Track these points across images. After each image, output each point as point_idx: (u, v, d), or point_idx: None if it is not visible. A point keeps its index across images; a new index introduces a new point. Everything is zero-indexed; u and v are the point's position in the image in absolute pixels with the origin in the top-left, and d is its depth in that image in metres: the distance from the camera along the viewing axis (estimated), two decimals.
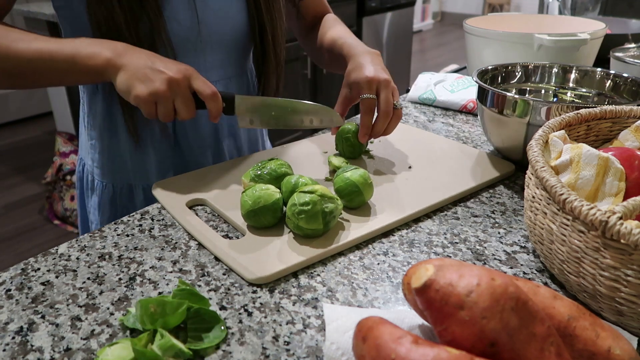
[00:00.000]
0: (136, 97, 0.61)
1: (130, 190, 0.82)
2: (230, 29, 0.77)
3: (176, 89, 0.62)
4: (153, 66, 0.62)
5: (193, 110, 0.65)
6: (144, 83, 0.61)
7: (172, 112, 0.64)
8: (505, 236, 0.61)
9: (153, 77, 0.61)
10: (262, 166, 0.66)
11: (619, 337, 0.39)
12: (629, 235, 0.40)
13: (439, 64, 5.12)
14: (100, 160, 0.81)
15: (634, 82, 0.77)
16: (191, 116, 0.65)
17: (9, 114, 3.46)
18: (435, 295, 0.35)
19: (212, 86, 0.65)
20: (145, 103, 0.62)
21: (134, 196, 0.82)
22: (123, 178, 0.81)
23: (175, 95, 0.63)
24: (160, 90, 0.61)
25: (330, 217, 0.57)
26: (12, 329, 0.47)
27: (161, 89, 0.61)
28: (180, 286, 0.48)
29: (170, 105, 0.63)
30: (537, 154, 0.52)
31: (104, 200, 0.82)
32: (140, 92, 0.61)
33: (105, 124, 0.78)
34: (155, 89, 0.61)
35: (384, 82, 0.72)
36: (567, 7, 1.72)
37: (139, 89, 0.61)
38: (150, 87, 0.61)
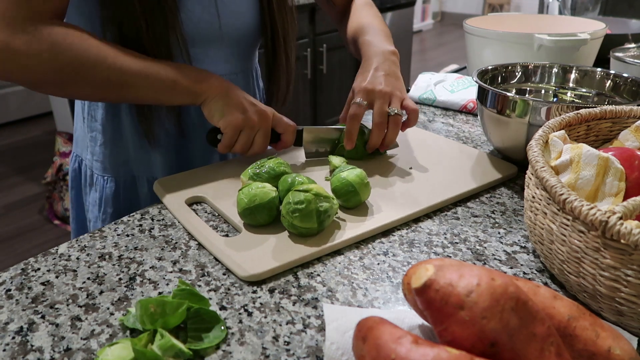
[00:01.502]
0: (229, 121, 0.68)
1: (134, 182, 0.81)
2: (241, 24, 0.78)
3: (262, 122, 0.70)
4: (248, 100, 0.70)
5: (266, 144, 0.73)
6: (240, 111, 0.69)
7: (249, 142, 0.71)
8: (505, 236, 0.61)
9: (248, 108, 0.69)
10: (261, 165, 0.67)
11: (619, 337, 0.39)
12: (629, 235, 0.40)
13: (439, 64, 5.12)
14: (102, 153, 0.79)
15: (634, 82, 0.77)
16: (263, 151, 0.73)
17: (9, 114, 3.46)
18: (435, 295, 0.35)
19: (291, 122, 0.73)
20: (234, 128, 0.68)
21: (138, 189, 0.81)
22: (126, 170, 0.80)
23: (259, 127, 0.70)
24: (252, 119, 0.69)
25: (324, 216, 0.57)
26: (12, 329, 0.47)
27: (253, 118, 0.69)
28: (180, 286, 0.48)
29: (252, 136, 0.71)
30: (537, 154, 0.52)
31: (105, 195, 0.81)
32: (234, 118, 0.68)
33: (108, 115, 0.77)
34: (249, 118, 0.69)
35: (378, 93, 0.72)
36: (567, 7, 1.72)
37: (234, 115, 0.68)
38: (245, 115, 0.69)
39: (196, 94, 0.68)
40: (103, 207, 0.82)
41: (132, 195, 0.81)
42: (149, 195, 0.81)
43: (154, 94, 0.67)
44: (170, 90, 0.67)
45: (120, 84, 0.64)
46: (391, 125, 0.73)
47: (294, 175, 0.63)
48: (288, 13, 0.82)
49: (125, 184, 0.81)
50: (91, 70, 0.62)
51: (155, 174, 0.80)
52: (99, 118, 0.78)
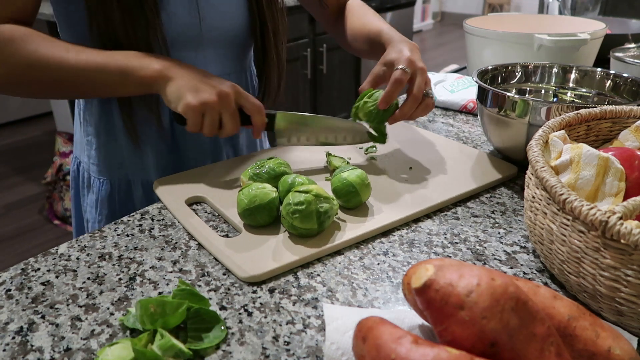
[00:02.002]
0: (187, 105, 0.64)
1: (129, 186, 0.82)
2: (230, 24, 0.77)
3: (225, 101, 0.65)
4: (203, 79, 0.65)
5: (238, 125, 0.68)
6: (195, 93, 0.64)
7: (217, 124, 0.67)
8: (505, 236, 0.61)
9: (204, 88, 0.64)
10: (261, 165, 0.67)
11: (619, 337, 0.39)
12: (629, 235, 0.40)
13: (439, 64, 5.12)
14: (97, 156, 0.80)
15: (634, 82, 0.77)
16: (236, 131, 0.68)
17: (9, 114, 3.46)
18: (435, 295, 0.35)
19: (258, 101, 0.68)
20: (194, 112, 0.64)
21: (133, 192, 0.82)
22: (121, 174, 0.81)
23: (223, 108, 0.66)
24: (210, 100, 0.64)
25: (325, 217, 0.57)
26: (12, 329, 0.47)
27: (211, 99, 0.64)
28: (180, 286, 0.48)
29: (217, 117, 0.66)
30: (537, 154, 0.52)
31: (101, 197, 0.82)
32: (191, 101, 0.63)
33: (102, 120, 0.78)
34: (206, 99, 0.64)
35: (421, 70, 0.71)
36: (567, 7, 1.72)
37: (190, 98, 0.64)
38: (201, 97, 0.64)
39: (148, 83, 0.65)
40: (99, 209, 0.82)
41: (127, 198, 0.82)
42: (144, 199, 0.81)
43: (107, 89, 0.68)
44: (121, 84, 0.66)
45: (70, 83, 0.66)
46: (423, 105, 0.72)
47: (294, 175, 0.63)
48: (278, 10, 0.81)
49: (120, 187, 0.82)
50: (39, 72, 0.64)
51: (150, 177, 0.81)
52: (93, 122, 0.79)
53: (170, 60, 0.67)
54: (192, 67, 0.67)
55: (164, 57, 0.67)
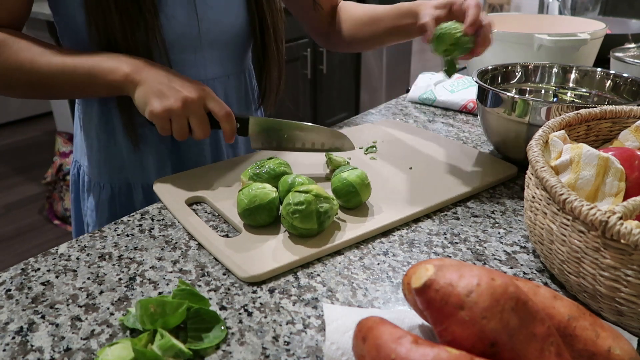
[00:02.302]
0: (151, 112, 0.63)
1: (129, 189, 0.82)
2: (229, 25, 0.77)
3: (191, 107, 0.64)
4: (170, 83, 0.64)
5: (207, 130, 0.67)
6: (160, 99, 0.63)
7: (186, 129, 0.66)
8: (505, 236, 0.61)
9: (169, 93, 0.63)
10: (261, 165, 0.67)
11: (619, 337, 0.39)
12: (629, 235, 0.40)
13: (439, 64, 5.11)
14: (98, 160, 0.80)
15: (634, 82, 0.77)
16: (206, 135, 0.67)
17: (9, 114, 3.46)
18: (435, 295, 0.35)
19: (226, 107, 0.67)
20: (160, 119, 0.64)
21: (133, 195, 0.82)
22: (121, 177, 0.81)
23: (189, 114, 0.64)
24: (174, 107, 0.63)
25: (325, 217, 0.57)
26: (12, 329, 0.47)
27: (175, 106, 0.63)
28: (180, 286, 0.48)
29: (184, 123, 0.65)
30: (537, 154, 0.52)
31: (102, 200, 0.82)
32: (155, 107, 0.63)
33: (101, 124, 0.78)
34: (170, 106, 0.63)
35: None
36: (567, 7, 1.72)
37: (154, 104, 0.63)
38: (165, 103, 0.63)
39: (117, 86, 0.65)
40: (100, 212, 0.83)
41: (127, 201, 0.82)
42: (144, 202, 0.82)
43: (79, 92, 0.69)
44: (90, 87, 0.66)
45: (43, 86, 0.66)
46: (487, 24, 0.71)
47: (294, 175, 0.63)
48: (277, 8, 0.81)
49: (120, 191, 0.82)
50: (12, 76, 0.65)
51: (150, 181, 0.81)
52: (93, 126, 0.79)
53: (140, 62, 0.66)
54: (162, 68, 0.66)
55: (134, 59, 0.66)
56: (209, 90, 0.66)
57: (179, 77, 0.66)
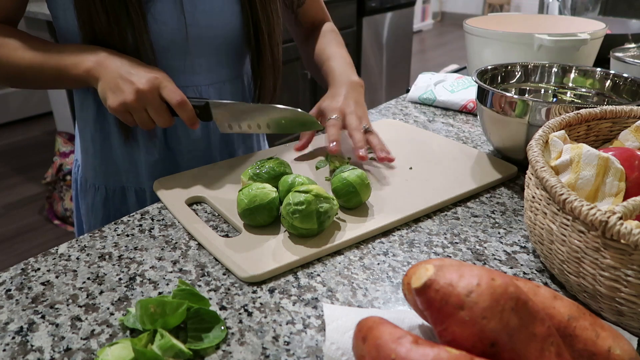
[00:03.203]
0: (109, 107, 0.64)
1: (123, 192, 0.82)
2: (222, 31, 0.75)
3: (145, 99, 0.64)
4: (124, 76, 0.63)
5: (167, 119, 0.66)
6: (115, 94, 0.63)
7: (147, 120, 0.66)
8: (505, 236, 0.61)
9: (123, 87, 0.63)
10: (261, 165, 0.67)
11: (619, 337, 0.39)
12: (629, 236, 0.40)
13: (439, 64, 5.12)
14: (93, 162, 0.81)
15: (633, 82, 0.77)
16: (168, 124, 0.67)
17: (9, 114, 3.46)
18: (435, 295, 0.35)
19: (180, 95, 0.65)
20: (118, 113, 0.64)
21: (127, 198, 0.82)
22: (116, 180, 0.81)
23: (145, 105, 0.64)
24: (128, 100, 0.63)
25: (325, 217, 0.57)
26: (12, 329, 0.47)
27: (129, 99, 0.63)
28: (180, 286, 0.48)
29: (144, 115, 0.65)
30: (537, 154, 0.52)
31: (96, 202, 0.83)
32: (112, 102, 0.63)
33: (97, 127, 0.78)
34: (124, 100, 0.63)
35: (350, 112, 0.75)
36: (567, 7, 1.72)
37: (111, 99, 0.63)
38: (120, 97, 0.63)
39: (82, 80, 0.66)
40: (94, 213, 0.83)
41: (121, 204, 0.83)
42: (137, 206, 0.82)
43: (50, 84, 0.70)
44: (59, 79, 0.67)
45: (18, 77, 0.69)
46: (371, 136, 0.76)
47: (294, 175, 0.63)
48: (273, 12, 0.79)
49: (114, 193, 0.82)
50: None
51: (143, 185, 0.81)
52: (89, 130, 0.79)
53: (103, 54, 0.65)
54: (123, 60, 0.65)
55: (98, 52, 0.65)
56: (163, 78, 0.65)
57: (138, 68, 0.65)
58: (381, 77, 3.36)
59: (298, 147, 0.80)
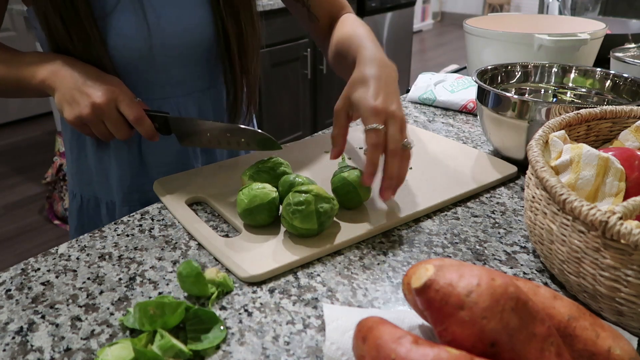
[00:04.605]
0: (66, 119, 0.63)
1: (97, 203, 0.82)
2: (192, 41, 0.73)
3: (101, 113, 0.63)
4: (80, 88, 0.62)
5: (126, 132, 0.65)
6: (71, 106, 0.62)
7: (105, 132, 0.65)
8: (505, 236, 0.61)
9: (79, 100, 0.62)
10: (261, 165, 0.67)
11: (619, 337, 0.39)
12: (629, 236, 0.40)
13: (439, 64, 5.12)
14: (71, 169, 0.81)
15: (633, 82, 0.77)
16: (127, 137, 0.66)
17: (9, 114, 3.46)
18: (435, 295, 0.35)
19: (136, 110, 0.64)
20: (75, 126, 0.63)
21: (100, 209, 0.82)
22: (89, 190, 0.81)
23: (102, 118, 0.63)
24: (84, 114, 0.62)
25: (325, 217, 0.57)
26: (12, 329, 0.47)
27: (85, 112, 0.62)
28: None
29: (102, 127, 0.64)
30: (537, 154, 0.52)
31: (73, 209, 0.83)
32: (68, 115, 0.62)
33: (74, 135, 0.78)
34: (80, 113, 0.62)
35: (391, 114, 0.58)
36: (567, 7, 1.72)
37: (67, 112, 0.62)
38: (76, 111, 0.62)
39: (40, 90, 0.65)
40: (71, 219, 0.84)
41: (94, 214, 0.82)
42: (108, 218, 0.81)
43: (15, 94, 0.69)
44: (19, 91, 0.67)
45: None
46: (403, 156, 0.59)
47: (294, 175, 0.63)
48: (245, 22, 0.74)
49: (88, 202, 0.82)
50: None
51: (113, 198, 0.80)
52: (68, 138, 0.79)
53: (58, 64, 0.64)
54: (77, 69, 0.63)
55: (53, 61, 0.64)
56: (121, 91, 0.64)
57: (94, 78, 0.63)
58: None
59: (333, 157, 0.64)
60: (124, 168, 0.77)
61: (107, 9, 0.66)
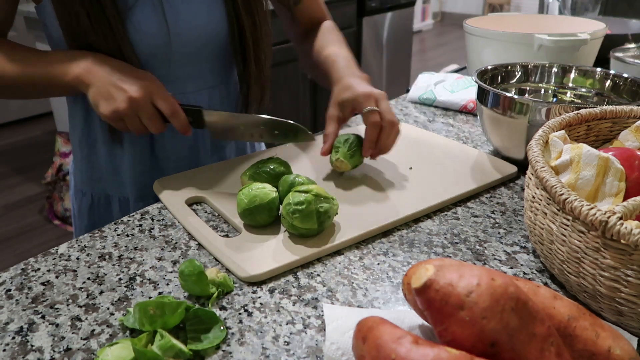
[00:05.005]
0: (101, 114, 0.63)
1: (108, 200, 0.82)
2: (208, 37, 0.74)
3: (137, 107, 0.63)
4: (116, 83, 0.63)
5: (160, 126, 0.66)
6: (107, 101, 0.63)
7: (140, 127, 0.66)
8: (505, 236, 0.61)
9: (115, 95, 0.63)
10: (261, 165, 0.67)
11: (619, 337, 0.39)
12: (629, 236, 0.40)
13: (439, 64, 5.12)
14: (81, 167, 0.81)
15: (633, 82, 0.77)
16: (161, 130, 0.67)
17: (9, 114, 3.46)
18: (435, 295, 0.35)
19: (173, 103, 0.65)
20: (110, 120, 0.64)
21: (111, 207, 0.82)
22: (100, 187, 0.81)
23: (138, 113, 0.64)
24: (121, 109, 0.63)
25: (325, 217, 0.57)
26: (12, 329, 0.47)
27: (122, 107, 0.62)
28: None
29: (137, 121, 0.65)
30: (537, 154, 0.52)
31: (82, 207, 0.83)
32: (104, 110, 0.63)
33: (84, 134, 0.78)
34: (117, 108, 0.62)
35: (381, 96, 0.68)
36: (567, 7, 1.72)
37: (103, 107, 0.63)
38: (113, 105, 0.62)
39: (72, 86, 0.65)
40: (80, 218, 0.83)
41: (105, 212, 0.82)
42: (120, 214, 0.81)
43: (39, 93, 0.70)
44: (48, 88, 0.67)
45: (8, 88, 0.68)
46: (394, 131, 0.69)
47: (294, 175, 0.63)
48: (261, 20, 0.77)
49: (99, 201, 0.82)
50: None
51: (126, 194, 0.80)
52: (77, 135, 0.79)
53: (92, 60, 0.65)
54: (112, 66, 0.65)
55: (87, 58, 0.65)
56: (156, 86, 0.65)
57: (127, 73, 0.65)
58: (381, 77, 3.36)
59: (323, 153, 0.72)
60: (137, 164, 0.78)
61: (129, 4, 0.67)
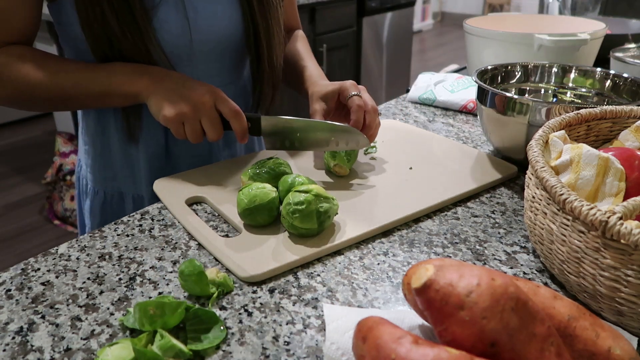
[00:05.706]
0: (164, 117, 0.65)
1: (121, 198, 0.82)
2: (224, 36, 0.76)
3: (201, 109, 0.66)
4: (181, 89, 0.66)
5: (220, 130, 0.68)
6: (173, 104, 0.65)
7: (199, 131, 0.67)
8: (505, 236, 0.61)
9: (181, 99, 0.65)
10: (261, 165, 0.67)
11: (619, 337, 0.39)
12: (629, 236, 0.40)
13: (439, 64, 5.12)
14: (93, 166, 0.81)
15: (633, 82, 0.77)
16: (219, 136, 0.68)
17: (9, 114, 3.46)
18: (435, 295, 0.35)
19: (235, 107, 0.67)
20: (173, 123, 0.65)
21: (125, 204, 0.82)
22: (114, 186, 0.81)
23: (201, 116, 0.66)
24: (185, 111, 0.65)
25: (325, 216, 0.57)
26: (12, 329, 0.47)
27: (186, 109, 0.65)
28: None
29: (197, 125, 0.66)
30: (537, 154, 0.52)
31: (94, 206, 0.83)
32: (168, 112, 0.65)
33: (98, 131, 0.78)
34: (181, 110, 0.65)
35: (363, 88, 0.75)
36: (567, 7, 1.72)
37: (167, 109, 0.65)
38: (177, 108, 0.65)
39: (131, 96, 0.67)
40: (93, 216, 0.84)
41: (118, 209, 0.83)
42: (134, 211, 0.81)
43: (95, 103, 0.71)
44: (106, 98, 0.68)
45: (61, 99, 0.69)
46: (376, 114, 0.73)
47: (294, 175, 0.63)
48: (273, 18, 0.78)
49: (112, 198, 0.82)
50: (33, 93, 0.68)
51: (140, 192, 0.81)
52: (90, 133, 0.79)
53: (153, 73, 0.67)
54: (173, 76, 0.68)
55: (147, 70, 0.67)
56: (219, 92, 0.67)
57: (190, 81, 0.68)
58: (381, 77, 3.36)
59: None
60: (152, 161, 0.79)
61: (154, 2, 0.69)
